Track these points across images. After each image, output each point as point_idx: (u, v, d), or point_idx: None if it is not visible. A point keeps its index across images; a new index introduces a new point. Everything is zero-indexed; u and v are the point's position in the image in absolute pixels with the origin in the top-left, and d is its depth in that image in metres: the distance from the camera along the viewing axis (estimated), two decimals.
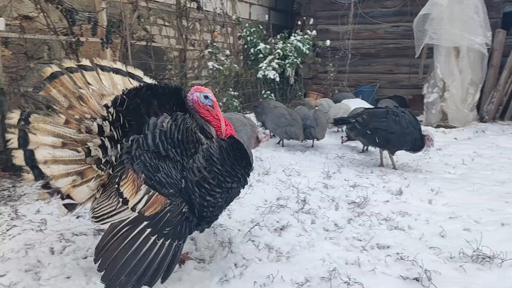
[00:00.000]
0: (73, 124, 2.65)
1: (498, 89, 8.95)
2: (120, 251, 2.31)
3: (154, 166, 2.42)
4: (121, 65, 3.02)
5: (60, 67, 2.74)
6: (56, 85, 2.67)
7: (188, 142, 2.51)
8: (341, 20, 10.70)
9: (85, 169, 2.59)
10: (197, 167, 2.47)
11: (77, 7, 5.55)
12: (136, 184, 2.41)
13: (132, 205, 2.39)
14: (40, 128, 2.54)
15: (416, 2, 9.75)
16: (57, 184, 2.50)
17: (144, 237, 2.34)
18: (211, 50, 7.63)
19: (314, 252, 3.07)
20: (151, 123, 2.50)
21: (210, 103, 2.67)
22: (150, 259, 2.29)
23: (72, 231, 3.32)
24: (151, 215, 2.37)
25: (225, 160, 2.56)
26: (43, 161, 2.48)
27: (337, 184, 4.63)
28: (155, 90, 2.67)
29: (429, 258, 2.95)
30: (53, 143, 2.55)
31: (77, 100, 2.69)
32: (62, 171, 2.52)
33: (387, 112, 5.25)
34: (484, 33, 8.13)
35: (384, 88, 10.82)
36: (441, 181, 4.78)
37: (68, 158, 2.57)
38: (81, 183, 2.56)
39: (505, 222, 3.58)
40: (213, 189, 2.51)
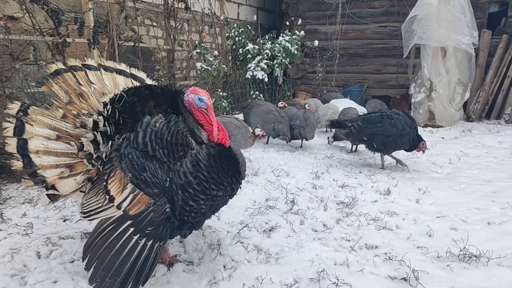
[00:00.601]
0: (70, 119, 2.70)
1: (484, 89, 9.06)
2: (105, 249, 2.34)
3: (140, 165, 2.43)
4: (125, 66, 3.10)
5: (65, 64, 2.82)
6: (58, 81, 2.75)
7: (177, 145, 2.49)
8: (329, 20, 10.73)
9: (75, 163, 2.63)
10: (183, 171, 2.46)
11: (63, 7, 5.49)
12: (123, 182, 2.43)
13: (117, 203, 2.41)
14: (37, 120, 2.60)
15: (403, 3, 9.84)
16: (44, 174, 2.55)
17: (127, 236, 2.35)
18: (199, 51, 7.60)
19: (303, 253, 3.08)
20: (144, 121, 2.51)
21: (204, 106, 2.62)
22: (133, 260, 2.31)
23: (59, 235, 3.29)
24: (135, 214, 2.39)
25: (212, 167, 2.53)
26: (35, 150, 2.54)
27: (325, 185, 4.64)
28: (153, 91, 2.67)
29: (416, 258, 2.98)
30: (48, 135, 2.61)
31: (77, 96, 2.76)
32: (52, 162, 2.58)
33: (382, 116, 5.28)
34: (471, 33, 8.22)
35: (372, 88, 10.88)
36: (428, 181, 4.83)
37: (61, 150, 2.62)
38: (68, 176, 2.61)
39: (492, 221, 3.62)
40: (196, 195, 2.50)
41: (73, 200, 3.96)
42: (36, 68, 5.40)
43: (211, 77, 7.61)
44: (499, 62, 9.05)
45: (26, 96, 5.04)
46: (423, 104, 8.65)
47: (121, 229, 2.37)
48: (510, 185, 4.59)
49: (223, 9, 9.19)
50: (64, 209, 3.83)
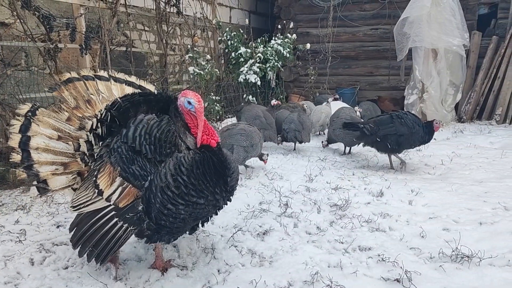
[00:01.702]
0: (73, 122, 2.89)
1: (475, 90, 9.14)
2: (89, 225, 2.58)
3: (129, 159, 2.53)
4: (135, 79, 3.27)
5: (78, 74, 3.05)
6: (69, 88, 2.98)
7: (166, 142, 2.53)
8: (320, 23, 10.78)
9: (70, 162, 2.80)
10: (164, 172, 2.49)
11: (55, 13, 5.48)
12: (112, 176, 2.54)
13: (106, 195, 2.53)
14: (43, 121, 2.80)
15: (394, 5, 9.91)
16: (39, 169, 2.71)
17: (108, 217, 2.56)
18: (191, 55, 7.61)
19: (296, 256, 3.09)
20: (138, 118, 2.60)
21: (192, 109, 2.60)
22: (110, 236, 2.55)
23: (52, 241, 3.28)
24: (124, 206, 2.53)
25: (192, 173, 2.51)
26: (36, 147, 2.73)
27: (319, 187, 4.66)
28: (146, 96, 2.76)
29: (409, 259, 3.01)
30: (50, 135, 2.79)
31: (85, 103, 2.98)
32: (49, 159, 2.75)
33: (392, 117, 5.39)
34: (462, 34, 8.30)
35: (365, 90, 10.93)
36: (420, 182, 4.86)
37: (60, 149, 2.79)
38: (61, 173, 2.78)
39: (483, 221, 3.66)
40: (175, 199, 2.49)
41: (66, 207, 3.96)
42: (28, 74, 5.38)
43: (204, 81, 7.61)
44: (489, 63, 9.14)
45: (18, 102, 5.02)
46: (415, 106, 8.72)
47: (104, 211, 2.57)
48: (501, 185, 4.64)
49: (215, 13, 9.21)
50: (57, 215, 3.83)
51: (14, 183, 4.63)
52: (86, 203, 2.62)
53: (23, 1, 4.84)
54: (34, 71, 5.47)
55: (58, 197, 4.25)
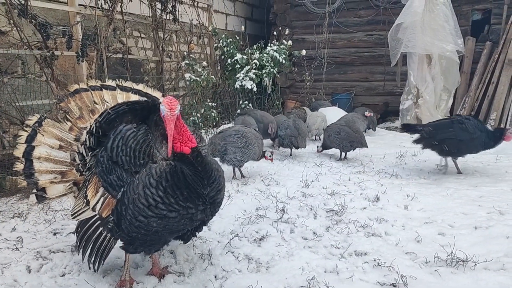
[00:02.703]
0: (75, 132, 2.96)
1: (470, 95, 9.21)
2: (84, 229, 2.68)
3: (108, 170, 2.55)
4: (142, 86, 3.29)
5: (86, 84, 3.15)
6: (75, 99, 3.06)
7: (140, 152, 2.49)
8: (316, 29, 10.87)
9: (67, 171, 2.87)
10: (137, 184, 2.42)
11: (51, 21, 5.51)
12: (96, 186, 2.62)
13: (92, 205, 2.61)
14: (48, 131, 2.90)
15: (388, 12, 10.00)
16: (39, 177, 2.81)
17: (95, 226, 2.64)
18: (188, 62, 7.64)
19: (293, 261, 3.10)
20: (118, 129, 2.61)
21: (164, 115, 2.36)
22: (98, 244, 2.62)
23: (49, 249, 3.28)
24: (106, 216, 2.56)
25: (160, 185, 2.39)
26: (38, 156, 2.82)
27: (315, 193, 4.68)
28: (132, 105, 2.75)
29: (405, 264, 3.03)
30: (53, 144, 2.89)
31: (89, 113, 3.05)
32: (49, 168, 2.84)
33: (452, 122, 5.42)
34: (455, 40, 8.39)
35: (360, 95, 11.01)
36: (416, 187, 4.89)
37: (60, 158, 2.88)
38: (59, 182, 2.86)
39: (478, 225, 3.68)
40: (145, 211, 2.40)
41: (63, 214, 3.97)
42: (24, 82, 5.40)
43: (200, 87, 7.65)
44: (483, 69, 9.22)
45: (14, 110, 5.03)
46: (411, 111, 8.78)
47: (91, 220, 2.65)
48: (496, 189, 4.67)
49: (211, 20, 9.26)
50: (54, 222, 3.83)
51: (11, 190, 4.63)
52: (79, 211, 2.72)
53: (20, 9, 4.87)
54: (31, 78, 5.48)
55: (55, 204, 4.25)
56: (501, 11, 9.31)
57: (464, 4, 9.71)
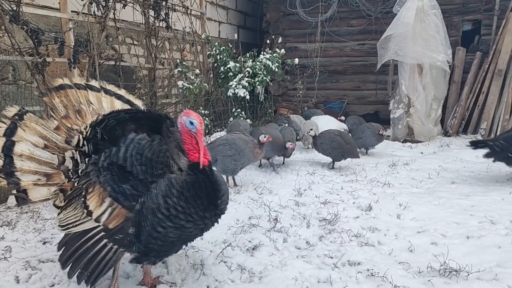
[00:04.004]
0: (62, 132, 2.79)
1: (460, 104, 9.29)
2: (77, 245, 2.50)
3: (120, 179, 2.45)
4: (124, 92, 3.19)
5: (70, 81, 2.97)
6: (60, 95, 2.89)
7: (157, 162, 2.48)
8: (308, 38, 10.94)
9: (53, 174, 2.70)
10: (156, 193, 2.43)
11: (43, 27, 5.47)
12: (101, 196, 2.47)
13: (95, 216, 2.46)
14: (30, 127, 2.71)
15: (380, 21, 10.09)
16: (21, 177, 2.62)
17: (98, 237, 2.49)
18: (180, 69, 7.63)
19: (286, 271, 3.08)
20: (128, 137, 2.52)
21: (193, 130, 2.57)
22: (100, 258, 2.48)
23: (38, 258, 3.23)
24: (114, 228, 2.45)
25: (182, 196, 2.45)
26: (19, 153, 2.63)
27: (308, 201, 4.67)
28: (134, 114, 2.70)
29: (398, 274, 3.02)
30: (36, 142, 2.70)
31: (75, 113, 2.88)
32: (32, 168, 2.65)
33: None
34: (445, 51, 8.48)
35: (352, 104, 11.07)
36: (408, 196, 4.90)
37: (44, 159, 2.69)
38: (43, 184, 2.68)
39: (470, 235, 3.69)
40: (164, 221, 2.42)
41: (53, 223, 3.91)
42: (15, 88, 5.34)
43: (193, 95, 7.63)
44: (474, 79, 9.32)
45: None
46: (402, 120, 8.83)
47: (93, 232, 2.49)
48: (487, 199, 4.70)
49: (204, 28, 9.27)
50: (44, 231, 3.77)
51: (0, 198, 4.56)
52: (75, 223, 2.54)
53: (12, 15, 4.83)
54: (22, 85, 5.43)
55: (45, 213, 4.19)
56: (491, 22, 9.44)
57: (454, 15, 9.84)
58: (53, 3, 6.00)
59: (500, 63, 8.93)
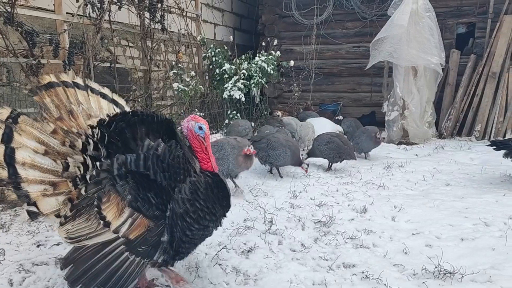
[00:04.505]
0: (59, 135, 2.59)
1: (455, 107, 9.34)
2: (93, 261, 2.34)
3: (141, 188, 2.38)
4: (107, 91, 3.02)
5: (58, 78, 2.74)
6: (51, 94, 2.67)
7: (179, 168, 2.48)
8: (304, 40, 10.98)
9: (59, 182, 2.51)
10: (182, 198, 2.45)
11: (38, 29, 5.45)
12: (120, 206, 2.36)
13: (114, 227, 2.34)
14: (26, 131, 2.49)
15: (375, 24, 10.13)
16: (28, 188, 2.42)
17: (117, 252, 2.36)
18: (176, 71, 7.62)
19: (281, 274, 3.08)
20: (145, 145, 2.46)
21: (202, 135, 2.61)
22: (121, 273, 2.36)
23: (32, 261, 3.21)
24: (135, 238, 2.36)
25: (208, 197, 2.54)
26: (22, 162, 2.41)
27: (303, 204, 4.67)
28: (142, 117, 2.60)
29: (393, 276, 3.03)
30: (35, 148, 2.49)
31: (68, 113, 2.67)
32: (37, 177, 2.45)
33: None
34: (439, 53, 8.52)
35: (348, 106, 11.10)
36: (403, 198, 4.91)
37: (46, 166, 2.50)
38: (51, 194, 2.48)
39: (464, 237, 3.71)
40: (192, 224, 2.48)
41: (47, 225, 3.88)
42: (9, 90, 5.31)
43: (188, 97, 7.62)
44: (468, 81, 9.38)
45: None
46: (397, 122, 8.86)
47: (112, 245, 2.37)
48: (481, 201, 4.72)
49: (200, 30, 9.27)
50: (38, 234, 3.74)
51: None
52: (88, 235, 2.37)
53: (6, 17, 4.81)
54: (16, 86, 5.40)
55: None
56: (485, 25, 9.51)
57: (449, 17, 9.89)
58: (48, 5, 5.98)
59: (494, 66, 9.00)
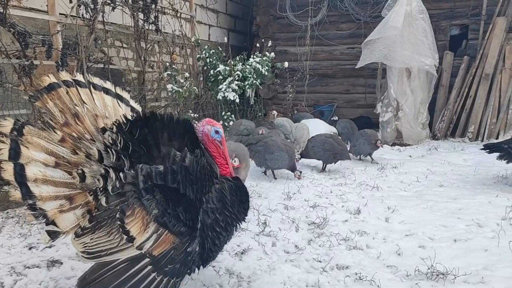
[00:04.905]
0: (68, 143, 2.43)
1: (449, 108, 9.39)
2: (116, 285, 2.18)
3: (168, 203, 2.27)
4: (110, 85, 2.83)
5: (58, 78, 2.56)
6: (53, 98, 2.49)
7: (205, 180, 2.44)
8: (298, 41, 10.98)
9: (74, 194, 2.35)
10: (211, 208, 2.42)
11: (31, 29, 5.41)
12: (145, 221, 2.23)
13: (138, 243, 2.21)
14: (33, 142, 2.32)
15: (369, 25, 10.14)
16: (44, 206, 2.26)
17: (144, 273, 2.23)
18: (170, 72, 7.60)
19: (274, 276, 3.08)
20: (172, 156, 2.37)
21: (219, 139, 2.59)
22: None
23: (24, 264, 3.19)
24: (159, 255, 2.24)
25: (234, 203, 2.52)
26: (33, 178, 2.25)
27: (297, 205, 4.67)
28: (163, 122, 2.47)
29: (386, 277, 3.03)
30: (45, 161, 2.32)
31: (73, 117, 2.50)
32: (51, 193, 2.29)
33: None
34: (433, 55, 8.55)
35: (342, 107, 11.12)
36: (397, 199, 4.93)
37: (59, 179, 2.33)
38: (68, 209, 2.32)
39: (457, 238, 3.73)
40: (221, 233, 2.46)
41: (39, 227, 3.85)
42: (1, 91, 5.28)
43: (182, 98, 7.60)
44: (461, 82, 9.42)
45: None
46: (391, 123, 8.88)
47: (137, 266, 2.23)
48: (474, 202, 4.74)
49: (194, 31, 9.25)
50: (30, 236, 3.72)
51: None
52: (109, 250, 2.23)
53: None
54: (8, 88, 5.36)
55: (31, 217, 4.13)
56: (478, 27, 9.55)
57: (442, 19, 9.93)
58: (41, 6, 5.94)
59: (487, 67, 9.04)
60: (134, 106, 2.94)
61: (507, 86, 8.93)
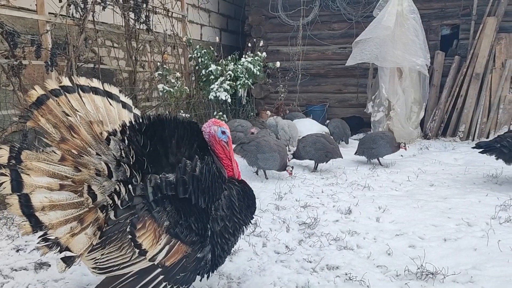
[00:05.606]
0: (69, 161, 2.30)
1: (440, 108, 9.44)
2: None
3: (180, 214, 2.26)
4: (97, 82, 2.66)
5: (45, 89, 2.38)
6: (44, 113, 2.33)
7: (216, 188, 2.42)
8: (290, 41, 10.98)
9: (83, 213, 2.27)
10: (220, 216, 2.42)
11: (20, 29, 5.36)
12: (157, 233, 2.22)
13: (151, 256, 2.21)
14: (34, 168, 2.20)
15: (361, 25, 10.15)
16: (55, 234, 2.19)
17: (155, 283, 2.23)
18: (161, 72, 7.57)
19: (265, 277, 3.07)
20: (183, 166, 2.32)
21: (225, 140, 2.56)
22: None
23: (11, 266, 3.15)
24: (171, 265, 2.24)
25: (242, 209, 2.52)
26: (41, 207, 2.16)
27: (288, 205, 4.67)
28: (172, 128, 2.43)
29: (376, 277, 3.03)
30: (49, 185, 2.22)
31: (68, 130, 2.34)
32: (60, 218, 2.21)
33: None
34: (424, 55, 8.60)
35: (334, 107, 11.14)
36: (388, 199, 4.94)
37: (66, 201, 2.25)
38: (80, 231, 2.24)
39: (447, 237, 3.74)
40: (229, 238, 2.47)
41: None
42: None
43: (174, 98, 7.57)
44: (452, 82, 9.48)
45: None
46: (382, 123, 8.92)
47: (149, 277, 2.22)
48: (464, 201, 4.77)
49: (186, 31, 9.22)
50: (18, 238, 3.67)
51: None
52: (122, 264, 2.22)
53: None
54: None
55: (18, 219, 4.08)
56: (468, 27, 9.62)
57: (433, 19, 9.99)
58: (30, 5, 5.89)
59: (477, 67, 9.11)
60: (125, 100, 2.78)
61: (497, 86, 9.00)
